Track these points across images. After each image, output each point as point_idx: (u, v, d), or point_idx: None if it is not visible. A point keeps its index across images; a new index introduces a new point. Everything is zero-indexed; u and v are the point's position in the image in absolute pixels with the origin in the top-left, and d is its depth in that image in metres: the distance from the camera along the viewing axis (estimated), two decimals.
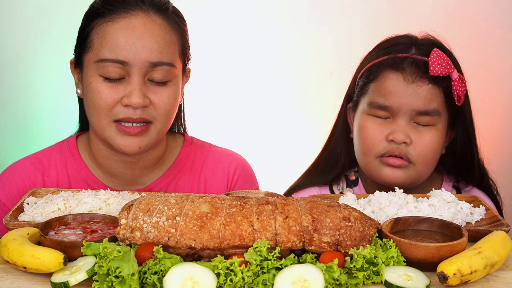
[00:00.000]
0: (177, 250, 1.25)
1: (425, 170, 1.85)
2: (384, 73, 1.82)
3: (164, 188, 1.86)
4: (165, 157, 1.89)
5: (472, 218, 1.54)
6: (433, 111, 1.79)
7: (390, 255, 1.26)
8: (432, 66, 1.77)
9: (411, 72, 1.79)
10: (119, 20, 1.67)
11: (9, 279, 1.25)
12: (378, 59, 1.86)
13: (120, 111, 1.68)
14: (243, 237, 1.24)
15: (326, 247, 1.26)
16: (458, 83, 1.79)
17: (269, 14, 2.96)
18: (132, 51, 1.65)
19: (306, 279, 1.18)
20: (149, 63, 1.66)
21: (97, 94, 1.67)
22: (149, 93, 1.69)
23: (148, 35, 1.67)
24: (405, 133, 1.80)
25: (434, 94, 1.79)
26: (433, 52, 1.79)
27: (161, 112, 1.71)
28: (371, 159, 1.85)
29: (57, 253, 1.23)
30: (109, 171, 1.83)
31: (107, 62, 1.65)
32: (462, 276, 1.21)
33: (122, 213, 1.29)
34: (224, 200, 1.31)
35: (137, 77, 1.66)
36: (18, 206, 1.53)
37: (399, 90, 1.79)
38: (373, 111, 1.84)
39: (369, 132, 1.84)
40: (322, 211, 1.29)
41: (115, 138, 1.70)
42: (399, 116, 1.80)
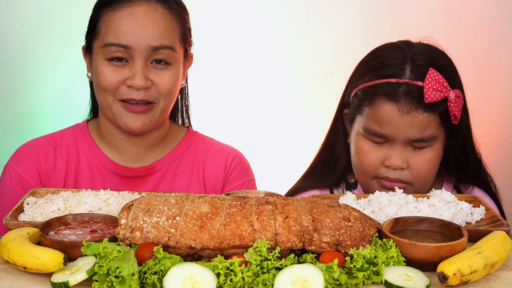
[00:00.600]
0: (177, 250, 1.25)
1: (423, 187, 1.86)
2: (378, 101, 1.79)
3: (167, 166, 1.97)
4: (168, 139, 2.02)
5: (472, 218, 1.54)
6: (428, 138, 1.79)
7: (390, 255, 1.26)
8: (427, 94, 1.73)
9: (405, 102, 1.75)
10: (123, 8, 1.82)
11: (9, 279, 1.25)
12: (372, 82, 1.82)
13: (124, 92, 1.83)
14: (243, 237, 1.24)
15: (326, 247, 1.26)
16: (454, 103, 1.77)
17: (269, 14, 2.96)
18: (135, 36, 1.80)
19: (306, 279, 1.18)
20: (151, 47, 1.81)
21: (103, 76, 1.82)
22: (151, 75, 1.83)
23: (149, 22, 1.82)
24: (401, 159, 1.80)
25: (429, 121, 1.77)
26: (428, 77, 1.74)
27: (163, 93, 1.86)
28: (368, 180, 1.87)
29: (57, 253, 1.23)
30: (116, 148, 1.97)
31: (112, 47, 1.81)
32: (462, 276, 1.21)
33: (122, 213, 1.29)
34: (224, 200, 1.31)
35: (140, 61, 1.81)
36: (18, 206, 1.53)
37: (394, 121, 1.77)
38: (369, 137, 1.83)
39: (366, 155, 1.84)
40: (322, 211, 1.29)
41: (121, 116, 1.85)
42: (394, 142, 1.80)
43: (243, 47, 2.99)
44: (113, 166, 1.93)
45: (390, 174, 1.81)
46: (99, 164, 1.93)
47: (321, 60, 2.96)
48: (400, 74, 1.78)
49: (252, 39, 2.97)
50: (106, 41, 1.81)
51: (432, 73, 1.75)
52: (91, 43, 1.88)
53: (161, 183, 1.94)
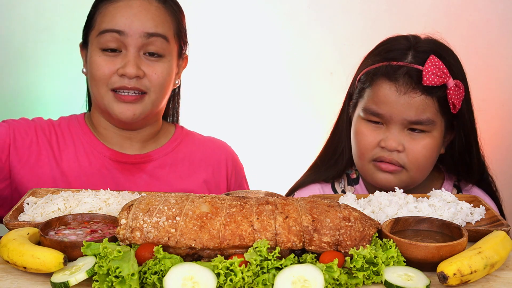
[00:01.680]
0: (177, 250, 1.25)
1: (419, 175, 1.86)
2: (378, 81, 1.82)
3: (163, 157, 1.99)
4: (160, 136, 2.04)
5: (472, 218, 1.54)
6: (426, 121, 1.79)
7: (390, 255, 1.26)
8: (426, 77, 1.76)
9: (404, 82, 1.78)
10: (119, 1, 1.86)
11: (9, 279, 1.25)
12: (374, 65, 1.86)
13: (116, 80, 1.84)
14: (243, 237, 1.24)
15: (326, 247, 1.26)
16: (453, 91, 1.78)
17: (269, 14, 2.96)
18: (129, 22, 1.83)
19: (306, 279, 1.18)
20: (145, 33, 1.83)
21: (96, 66, 1.84)
22: (143, 66, 1.85)
23: (144, 12, 1.85)
24: (397, 140, 1.81)
25: (427, 104, 1.78)
26: (428, 61, 1.77)
27: (155, 84, 1.87)
28: (365, 163, 1.87)
29: (57, 253, 1.23)
30: (110, 141, 1.97)
31: (106, 33, 1.83)
32: (462, 276, 1.21)
33: (122, 213, 1.29)
34: (224, 200, 1.31)
35: (133, 49, 1.83)
36: (18, 206, 1.53)
37: (391, 100, 1.79)
38: (368, 116, 1.85)
39: (363, 137, 1.86)
40: (322, 211, 1.29)
41: (112, 105, 1.86)
42: (391, 124, 1.81)
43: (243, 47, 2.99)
44: (109, 152, 1.94)
45: (386, 155, 1.82)
46: (94, 150, 1.94)
47: (321, 60, 2.96)
48: (402, 58, 1.82)
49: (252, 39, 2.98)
50: (100, 29, 1.83)
51: (433, 58, 1.78)
52: (87, 37, 1.91)
53: (158, 172, 1.96)
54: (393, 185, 1.83)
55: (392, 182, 1.84)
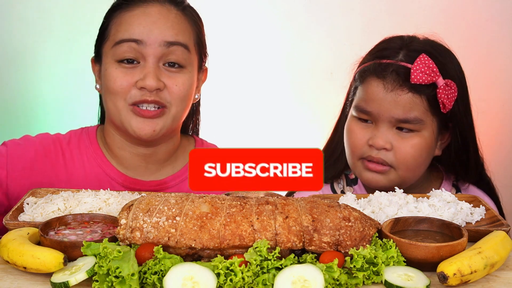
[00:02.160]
0: (177, 250, 1.25)
1: (408, 175, 1.85)
2: (368, 79, 1.83)
3: (179, 184, 1.87)
4: (178, 154, 1.91)
5: (472, 218, 1.54)
6: (414, 120, 1.79)
7: (390, 255, 1.26)
8: (414, 75, 1.76)
9: (391, 80, 1.78)
10: (135, 8, 1.74)
11: (9, 279, 1.25)
12: (366, 63, 1.87)
13: (136, 94, 1.71)
14: (243, 237, 1.24)
15: (326, 247, 1.26)
16: (443, 90, 1.78)
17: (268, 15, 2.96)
18: (147, 30, 1.70)
19: (306, 279, 1.18)
20: (165, 42, 1.71)
21: (112, 79, 1.72)
22: (164, 77, 1.72)
23: (163, 20, 1.73)
24: (384, 139, 1.80)
25: (414, 103, 1.78)
26: (417, 59, 1.77)
27: (175, 97, 1.74)
28: (354, 161, 1.88)
29: (57, 253, 1.23)
30: (123, 162, 1.85)
31: (122, 43, 1.71)
32: (462, 276, 1.21)
33: (122, 213, 1.29)
34: (224, 200, 1.31)
35: (152, 60, 1.71)
36: (18, 206, 1.53)
37: (379, 98, 1.80)
38: (358, 114, 1.86)
39: (353, 134, 1.87)
40: (322, 211, 1.29)
41: (130, 120, 1.73)
42: (380, 122, 1.81)
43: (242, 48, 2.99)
44: (121, 178, 1.82)
45: (373, 154, 1.82)
46: (106, 175, 1.82)
47: (321, 60, 2.96)
48: (394, 56, 1.82)
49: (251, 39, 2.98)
50: (116, 39, 1.72)
51: (423, 56, 1.78)
52: (100, 49, 1.79)
53: None
54: (381, 184, 1.83)
55: (380, 182, 1.84)
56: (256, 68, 3.00)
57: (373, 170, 1.83)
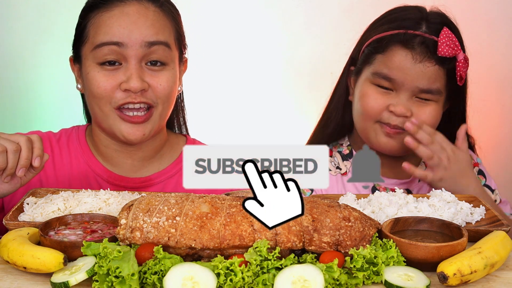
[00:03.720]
0: (177, 250, 1.25)
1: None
2: (393, 48, 1.86)
3: (165, 181, 1.87)
4: (165, 151, 1.91)
5: (472, 218, 1.54)
6: (435, 91, 1.85)
7: (390, 255, 1.26)
8: (441, 47, 1.81)
9: (420, 51, 1.83)
10: (113, 8, 1.72)
11: (9, 279, 1.25)
12: (388, 32, 1.89)
13: (120, 97, 1.71)
14: (243, 237, 1.24)
15: (326, 247, 1.26)
16: (462, 64, 1.84)
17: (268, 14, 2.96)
18: (127, 32, 1.69)
19: (306, 279, 1.18)
20: (146, 43, 1.70)
21: (95, 83, 1.71)
22: (147, 77, 1.72)
23: (142, 20, 1.71)
24: (406, 107, 1.85)
25: (438, 74, 1.84)
26: (442, 32, 1.82)
27: (161, 96, 1.74)
28: (370, 124, 1.91)
29: (57, 253, 1.23)
30: (109, 160, 1.86)
31: (103, 46, 1.69)
32: (462, 276, 1.21)
33: (122, 213, 1.29)
34: (224, 200, 1.31)
35: (134, 61, 1.70)
36: (18, 206, 1.53)
37: (406, 67, 1.83)
38: (377, 81, 1.88)
39: (371, 99, 1.89)
40: (322, 211, 1.29)
41: (119, 126, 1.73)
42: (402, 90, 1.85)
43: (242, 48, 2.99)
44: (106, 174, 1.84)
45: (392, 120, 1.86)
46: (92, 172, 1.83)
47: (321, 60, 2.96)
48: (417, 27, 1.86)
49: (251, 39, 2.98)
50: (96, 42, 1.70)
51: (446, 30, 1.84)
52: (79, 50, 1.77)
53: None
54: (394, 148, 1.89)
55: (394, 146, 1.89)
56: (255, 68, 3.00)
57: (390, 133, 1.87)
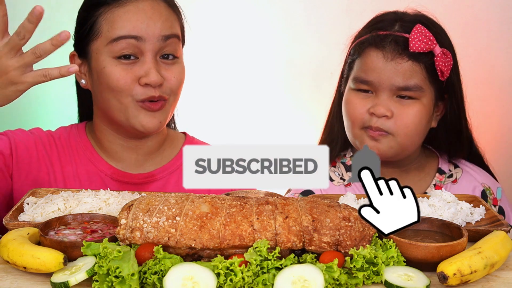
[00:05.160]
0: (177, 250, 1.25)
1: (408, 142, 1.86)
2: (366, 51, 1.87)
3: (167, 176, 1.89)
4: (165, 146, 1.94)
5: (472, 218, 1.54)
6: (414, 87, 1.82)
7: (390, 255, 1.26)
8: (412, 43, 1.80)
9: (390, 49, 1.82)
10: (126, 4, 1.75)
11: (9, 279, 1.25)
12: (363, 37, 1.91)
13: (141, 92, 1.73)
14: (243, 237, 1.24)
15: (326, 247, 1.26)
16: (441, 58, 1.82)
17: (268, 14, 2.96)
18: (144, 26, 1.72)
19: (306, 279, 1.18)
20: (162, 36, 1.74)
21: (114, 76, 1.72)
22: (162, 71, 1.76)
23: (157, 15, 1.75)
24: (386, 107, 1.83)
25: (414, 70, 1.82)
26: (414, 29, 1.81)
27: (174, 88, 1.78)
28: (356, 131, 1.90)
29: (57, 253, 1.23)
30: (113, 155, 1.88)
31: (120, 40, 1.71)
32: (462, 276, 1.21)
33: (122, 213, 1.29)
34: (224, 200, 1.31)
35: (151, 55, 1.73)
36: (18, 206, 1.53)
37: (379, 67, 1.83)
38: (357, 85, 1.88)
39: (352, 105, 1.89)
40: (322, 211, 1.29)
41: (137, 116, 1.75)
42: (380, 91, 1.84)
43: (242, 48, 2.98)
44: (110, 170, 1.85)
45: (373, 122, 1.85)
46: (95, 168, 1.85)
47: (321, 60, 2.96)
48: (390, 28, 1.87)
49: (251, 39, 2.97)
50: (113, 36, 1.71)
51: (419, 26, 1.82)
52: (87, 46, 1.78)
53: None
54: (382, 152, 1.85)
55: (381, 149, 1.85)
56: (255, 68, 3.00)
57: (373, 136, 1.85)
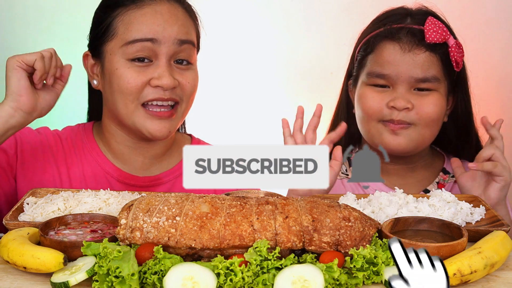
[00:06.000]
0: (177, 250, 1.25)
1: (428, 131, 1.86)
2: (381, 44, 1.85)
3: (173, 180, 1.88)
4: (173, 150, 1.93)
5: (472, 218, 1.54)
6: (432, 78, 1.82)
7: (390, 255, 1.26)
8: (428, 34, 1.79)
9: (407, 41, 1.81)
10: (144, 6, 1.74)
11: (9, 279, 1.25)
12: (375, 31, 1.89)
13: (150, 93, 1.72)
14: (243, 237, 1.24)
15: (326, 247, 1.26)
16: (455, 49, 1.82)
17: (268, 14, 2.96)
18: (161, 29, 1.72)
19: (306, 279, 1.18)
20: (178, 40, 1.73)
21: (125, 79, 1.72)
22: (176, 75, 1.75)
23: (174, 18, 1.75)
24: (406, 99, 1.82)
25: (431, 61, 1.82)
26: (428, 20, 1.81)
27: (187, 93, 1.78)
28: (373, 125, 1.87)
29: (57, 253, 1.23)
30: (120, 157, 1.87)
31: (136, 43, 1.71)
32: (462, 276, 1.21)
33: (122, 213, 1.29)
34: (224, 200, 1.31)
35: (165, 58, 1.73)
36: (18, 206, 1.53)
37: (396, 59, 1.81)
38: (372, 80, 1.86)
39: (369, 99, 1.86)
40: (322, 211, 1.29)
41: (144, 123, 1.74)
42: (398, 84, 1.83)
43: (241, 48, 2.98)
44: (117, 173, 1.84)
45: (394, 116, 1.83)
46: (102, 170, 1.84)
47: (321, 60, 2.96)
48: (402, 21, 1.86)
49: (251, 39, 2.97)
50: (128, 38, 1.71)
51: (432, 18, 1.83)
52: (101, 47, 1.78)
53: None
54: (402, 146, 1.84)
55: (401, 143, 1.84)
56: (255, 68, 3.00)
57: (394, 129, 1.83)
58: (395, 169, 1.96)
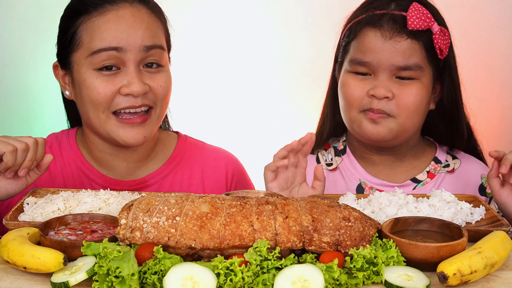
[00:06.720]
0: (177, 250, 1.25)
1: (408, 122, 1.83)
2: (363, 31, 1.82)
3: (160, 181, 1.86)
4: (157, 150, 1.90)
5: (472, 218, 1.54)
6: (414, 66, 1.78)
7: (390, 255, 1.26)
8: (410, 21, 1.76)
9: (388, 28, 1.78)
10: (106, 13, 1.69)
11: (9, 279, 1.25)
12: (358, 18, 1.86)
13: (121, 101, 1.69)
14: (243, 237, 1.24)
15: (326, 247, 1.26)
16: (439, 36, 1.78)
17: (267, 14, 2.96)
18: (125, 37, 1.66)
19: (306, 279, 1.18)
20: (144, 47, 1.68)
21: (94, 89, 1.68)
22: (146, 80, 1.71)
23: (138, 23, 1.69)
24: (386, 88, 1.79)
25: (413, 49, 1.78)
26: (411, 7, 1.77)
27: (160, 97, 1.74)
28: (354, 114, 1.85)
29: (57, 253, 1.23)
30: (104, 164, 1.84)
31: (101, 52, 1.66)
32: (462, 276, 1.21)
33: (122, 213, 1.29)
34: (224, 200, 1.31)
35: (133, 65, 1.68)
36: (18, 206, 1.53)
37: (377, 47, 1.78)
38: (354, 68, 1.84)
39: (351, 87, 1.84)
40: (322, 211, 1.29)
41: (117, 131, 1.71)
42: (379, 72, 1.80)
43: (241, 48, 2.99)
44: (101, 179, 1.82)
45: (374, 105, 1.80)
46: (87, 177, 1.82)
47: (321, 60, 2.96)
48: (386, 7, 1.82)
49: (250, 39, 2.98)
50: (93, 48, 1.66)
51: (416, 4, 1.78)
52: (68, 57, 1.73)
53: None
54: (381, 135, 1.82)
55: (381, 132, 1.82)
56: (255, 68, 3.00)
57: (373, 118, 1.80)
58: (383, 160, 1.95)
